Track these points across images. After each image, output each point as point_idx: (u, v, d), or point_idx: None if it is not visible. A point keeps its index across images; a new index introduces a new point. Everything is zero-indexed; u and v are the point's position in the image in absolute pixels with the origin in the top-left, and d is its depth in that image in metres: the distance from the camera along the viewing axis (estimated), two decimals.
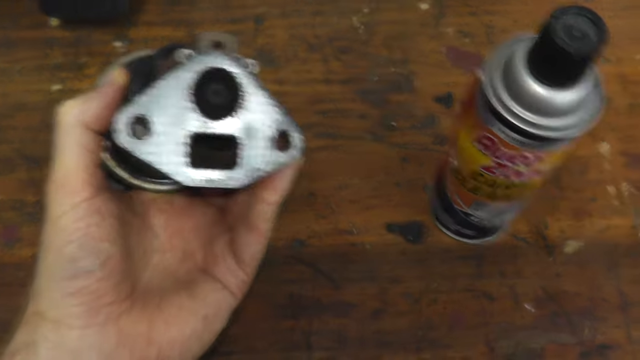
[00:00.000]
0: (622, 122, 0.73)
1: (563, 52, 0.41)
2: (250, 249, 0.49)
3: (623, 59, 0.77)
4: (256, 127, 0.45)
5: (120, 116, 0.43)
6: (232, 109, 0.45)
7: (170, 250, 0.51)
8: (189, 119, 0.44)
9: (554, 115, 0.45)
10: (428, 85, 0.74)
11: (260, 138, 0.45)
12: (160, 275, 0.50)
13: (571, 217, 0.67)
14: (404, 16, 0.80)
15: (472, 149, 0.52)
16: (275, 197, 0.47)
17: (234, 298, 0.50)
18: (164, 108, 0.43)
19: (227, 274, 0.50)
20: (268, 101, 0.45)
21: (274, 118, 0.45)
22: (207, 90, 0.44)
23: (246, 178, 0.45)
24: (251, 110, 0.45)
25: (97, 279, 0.43)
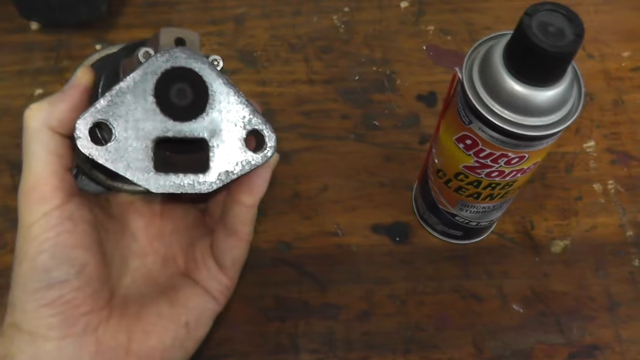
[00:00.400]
0: (607, 119, 0.73)
1: (538, 49, 0.41)
2: (230, 253, 0.48)
3: (606, 54, 0.77)
4: (225, 127, 0.43)
5: (80, 122, 0.41)
6: (198, 109, 0.42)
7: (150, 255, 0.50)
8: (153, 122, 0.41)
9: (533, 113, 0.45)
10: (410, 84, 0.74)
11: (231, 139, 0.43)
12: (140, 282, 0.48)
13: (557, 216, 0.67)
14: (384, 15, 0.79)
15: (454, 149, 0.52)
16: (252, 200, 0.46)
17: (216, 303, 0.49)
18: (125, 112, 0.41)
19: (208, 279, 0.49)
20: (237, 99, 0.43)
21: (245, 117, 0.43)
22: (170, 90, 0.42)
23: (217, 182, 0.43)
24: (219, 110, 0.43)
25: (73, 288, 0.42)
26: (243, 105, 0.43)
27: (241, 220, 0.47)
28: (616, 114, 0.73)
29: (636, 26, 0.79)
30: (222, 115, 0.43)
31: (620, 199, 0.68)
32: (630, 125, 0.72)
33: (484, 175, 0.52)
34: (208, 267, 0.49)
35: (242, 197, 0.46)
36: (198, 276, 0.49)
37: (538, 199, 0.68)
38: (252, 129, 0.43)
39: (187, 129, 0.42)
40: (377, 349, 0.60)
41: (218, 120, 0.43)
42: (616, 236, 0.66)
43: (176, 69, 0.41)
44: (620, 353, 0.60)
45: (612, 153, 0.71)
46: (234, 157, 0.43)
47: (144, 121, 0.41)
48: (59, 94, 0.43)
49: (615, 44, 0.78)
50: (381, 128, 0.71)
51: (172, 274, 0.50)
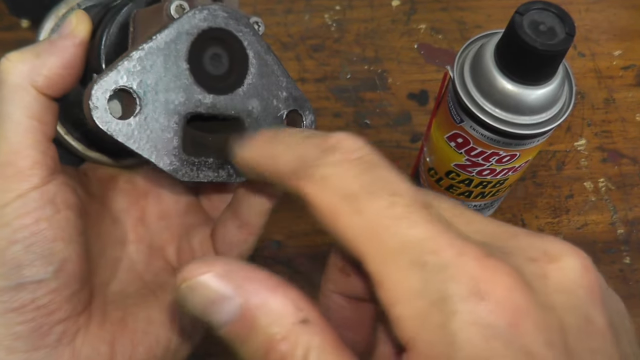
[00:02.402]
0: (598, 118, 0.73)
1: (529, 48, 0.41)
2: (238, 248, 0.41)
3: (598, 53, 0.77)
4: (264, 105, 0.37)
5: (97, 87, 0.32)
6: (235, 80, 0.36)
7: (133, 242, 0.43)
8: (185, 93, 0.35)
9: (525, 112, 0.45)
10: (402, 82, 0.74)
11: (268, 119, 0.37)
12: (123, 277, 0.41)
13: (549, 214, 0.67)
14: (375, 13, 0.79)
15: (446, 147, 0.52)
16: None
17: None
18: (154, 79, 0.34)
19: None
20: (278, 71, 0.37)
21: (286, 93, 0.37)
22: (204, 56, 0.35)
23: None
24: (258, 83, 0.37)
25: (49, 290, 0.34)
26: (285, 78, 0.37)
27: (259, 211, 0.40)
28: (607, 112, 0.73)
29: (627, 24, 0.79)
30: (262, 90, 0.37)
31: (611, 197, 0.68)
32: (621, 124, 0.72)
33: (475, 173, 0.52)
34: None
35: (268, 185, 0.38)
36: None
37: (529, 197, 0.68)
38: (292, 108, 0.38)
39: (222, 104, 0.36)
40: None
41: (257, 96, 0.37)
42: (607, 234, 0.66)
43: (213, 30, 0.35)
44: None
45: (603, 151, 0.71)
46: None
47: (175, 92, 0.35)
48: (47, 45, 0.35)
49: (606, 42, 0.78)
50: (373, 126, 0.71)
51: (161, 269, 0.43)
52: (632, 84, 0.75)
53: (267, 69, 0.37)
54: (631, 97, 0.74)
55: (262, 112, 0.37)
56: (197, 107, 0.35)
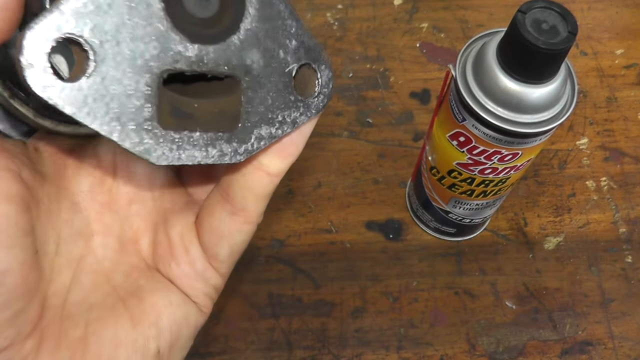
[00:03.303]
0: (601, 116, 0.73)
1: (532, 47, 0.41)
2: (231, 239, 0.32)
3: (600, 52, 0.77)
4: (267, 58, 0.28)
5: (30, 36, 0.23)
6: (228, 26, 0.27)
7: (100, 234, 0.33)
8: (159, 43, 0.25)
9: (527, 110, 0.45)
10: (404, 81, 0.74)
11: (274, 77, 0.29)
12: (87, 281, 0.32)
13: (551, 213, 0.67)
14: (377, 12, 0.79)
15: (448, 146, 0.52)
16: (281, 166, 0.31)
17: (200, 314, 0.34)
18: (112, 22, 0.24)
19: (190, 276, 0.33)
20: (285, 12, 0.28)
21: (295, 42, 0.29)
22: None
23: (253, 146, 0.29)
24: (258, 29, 0.28)
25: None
26: (295, 22, 0.28)
27: (256, 194, 0.31)
28: (609, 111, 0.73)
29: (629, 23, 0.79)
30: (264, 38, 0.28)
31: (613, 195, 0.68)
32: (624, 122, 0.72)
33: (478, 172, 0.52)
34: (191, 257, 0.33)
35: (266, 159, 0.30)
36: (175, 271, 0.33)
37: (531, 196, 0.68)
38: (305, 62, 0.29)
39: (210, 57, 0.27)
40: (371, 346, 0.60)
41: (257, 46, 0.28)
42: (609, 233, 0.66)
43: None
44: (612, 349, 0.60)
45: (605, 150, 0.71)
46: (278, 107, 0.29)
47: (145, 41, 0.25)
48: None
49: (608, 41, 0.78)
50: (375, 125, 0.71)
51: (133, 269, 0.34)
52: (634, 82, 0.75)
53: (271, 10, 0.28)
54: (633, 96, 0.74)
55: (265, 67, 0.28)
56: (177, 63, 0.26)
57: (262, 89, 0.28)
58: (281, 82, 0.29)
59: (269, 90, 0.28)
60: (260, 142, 0.29)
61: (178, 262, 0.33)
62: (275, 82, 0.29)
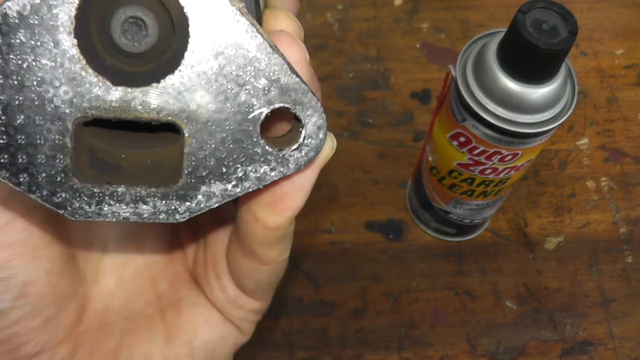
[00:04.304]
0: (601, 117, 0.73)
1: (532, 47, 0.41)
2: (251, 277, 0.30)
3: (600, 52, 0.77)
4: (222, 100, 0.23)
5: None
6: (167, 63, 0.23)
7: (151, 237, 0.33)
8: (73, 86, 0.22)
9: (527, 111, 0.45)
10: (404, 81, 0.74)
11: (231, 124, 0.23)
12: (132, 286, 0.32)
13: (551, 213, 0.67)
14: (378, 12, 0.79)
15: (448, 146, 0.52)
16: (276, 221, 0.27)
17: (241, 335, 0.33)
18: (16, 66, 0.22)
19: (223, 302, 0.31)
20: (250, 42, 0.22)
21: (264, 80, 0.23)
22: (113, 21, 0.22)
23: (199, 205, 0.25)
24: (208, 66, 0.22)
25: (11, 322, 0.26)
26: (265, 55, 0.23)
27: (261, 243, 0.28)
28: (609, 111, 0.73)
29: (629, 23, 0.79)
30: (216, 76, 0.23)
31: (614, 196, 0.68)
32: (624, 123, 0.72)
33: (478, 172, 0.52)
34: (223, 284, 0.31)
35: (262, 213, 0.27)
36: (208, 293, 0.32)
37: (531, 196, 0.68)
38: (280, 105, 0.24)
39: (139, 102, 0.23)
40: (371, 346, 0.60)
41: (206, 87, 0.23)
42: (609, 233, 0.66)
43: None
44: (613, 349, 0.60)
45: (605, 150, 0.71)
46: (237, 160, 0.24)
47: (55, 86, 0.22)
48: None
49: (608, 41, 0.78)
50: (375, 125, 0.71)
51: (177, 277, 0.33)
52: (635, 83, 0.75)
53: (226, 40, 0.22)
54: (633, 96, 0.74)
55: (217, 112, 0.23)
56: (95, 109, 0.22)
57: (212, 138, 0.23)
58: (242, 131, 0.24)
59: (224, 141, 0.24)
60: (210, 200, 0.24)
61: (211, 288, 0.31)
62: (233, 130, 0.23)
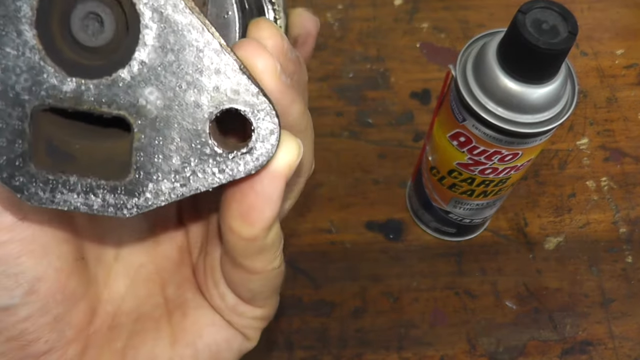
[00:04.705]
0: (601, 117, 0.73)
1: (532, 47, 0.41)
2: (243, 285, 0.30)
3: (600, 52, 0.77)
4: (170, 97, 0.24)
5: None
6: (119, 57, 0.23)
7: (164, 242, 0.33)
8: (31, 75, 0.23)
9: (527, 111, 0.45)
10: (404, 81, 0.74)
11: (180, 122, 0.24)
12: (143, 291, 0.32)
13: (551, 213, 0.67)
14: (378, 12, 0.79)
15: (448, 146, 0.52)
16: (250, 232, 0.26)
17: (247, 341, 0.32)
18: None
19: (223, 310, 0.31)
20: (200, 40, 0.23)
21: (214, 79, 0.24)
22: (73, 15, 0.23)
23: (147, 202, 0.25)
24: (157, 62, 0.23)
25: (20, 318, 0.27)
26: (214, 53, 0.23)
27: (243, 254, 0.27)
28: (609, 111, 0.73)
29: (629, 23, 0.79)
30: (165, 72, 0.23)
31: (614, 196, 0.68)
32: (624, 122, 0.72)
33: (478, 172, 0.52)
34: (221, 292, 0.31)
35: (235, 224, 0.26)
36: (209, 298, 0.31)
37: (531, 196, 0.68)
38: (229, 107, 0.24)
39: (93, 93, 0.24)
40: (371, 346, 0.60)
41: (155, 83, 0.24)
42: (609, 233, 0.66)
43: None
44: (613, 349, 0.60)
45: (605, 150, 0.71)
46: (185, 158, 0.24)
47: (16, 73, 0.23)
48: None
49: (608, 41, 0.78)
50: (375, 125, 0.71)
51: (185, 280, 0.33)
52: (635, 82, 0.75)
53: (176, 38, 0.23)
54: (634, 96, 0.74)
55: (166, 109, 0.24)
56: (50, 98, 0.24)
57: (161, 135, 0.24)
58: (191, 130, 0.24)
59: (172, 138, 0.24)
60: (158, 197, 0.25)
61: (211, 295, 0.31)
62: (182, 128, 0.24)
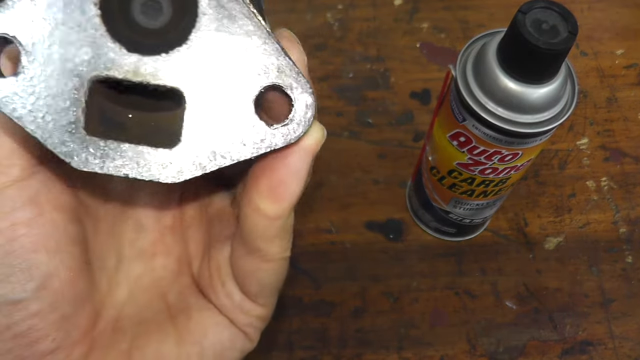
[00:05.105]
0: (601, 117, 0.73)
1: (532, 47, 0.41)
2: (254, 277, 0.31)
3: (600, 52, 0.77)
4: (220, 74, 0.26)
5: None
6: (176, 36, 0.26)
7: (161, 255, 0.35)
8: (92, 49, 0.25)
9: (527, 111, 0.45)
10: (404, 81, 0.74)
11: (227, 96, 0.26)
12: (142, 297, 0.33)
13: (551, 213, 0.67)
14: (378, 12, 0.79)
15: (448, 146, 0.52)
16: (276, 209, 0.28)
17: (248, 341, 0.34)
18: (47, 27, 0.25)
19: (229, 308, 0.33)
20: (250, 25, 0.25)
21: (260, 59, 0.26)
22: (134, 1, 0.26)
23: (194, 168, 0.26)
24: (212, 42, 0.25)
25: (30, 313, 0.27)
26: (261, 38, 0.26)
27: (262, 236, 0.29)
28: (610, 111, 0.73)
29: (629, 23, 0.79)
30: (218, 51, 0.26)
31: (614, 196, 0.68)
32: (624, 122, 0.72)
33: (478, 172, 0.52)
34: (228, 290, 0.32)
35: (262, 203, 0.28)
36: (214, 301, 0.33)
37: (531, 196, 0.68)
38: (272, 83, 0.26)
39: (150, 67, 0.26)
40: (371, 346, 0.60)
41: (208, 61, 0.26)
42: (609, 233, 0.66)
43: None
44: (613, 349, 0.60)
45: (605, 150, 0.71)
46: (230, 130, 0.26)
47: (76, 46, 0.25)
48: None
49: (608, 41, 0.78)
50: (375, 125, 0.71)
51: (186, 288, 0.34)
52: (635, 82, 0.75)
53: (229, 22, 0.25)
54: (633, 96, 0.74)
55: (217, 84, 0.26)
56: (110, 70, 0.25)
57: (210, 108, 0.26)
58: (237, 103, 0.26)
59: (220, 110, 0.26)
60: (203, 165, 0.27)
61: (217, 295, 0.32)
62: (230, 102, 0.26)
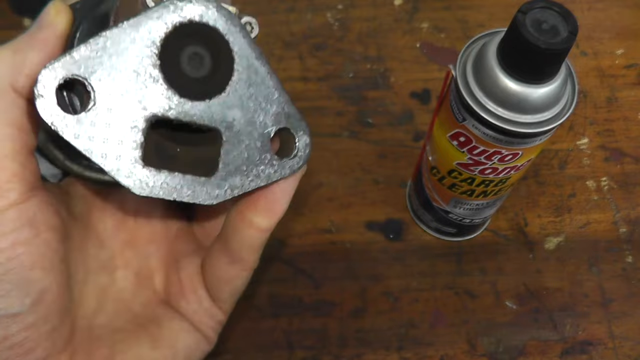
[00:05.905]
0: (601, 116, 0.73)
1: (532, 47, 0.41)
2: (231, 284, 0.38)
3: (600, 52, 0.77)
4: (248, 118, 0.32)
5: (45, 73, 0.28)
6: (216, 86, 0.31)
7: (121, 268, 0.39)
8: (151, 93, 0.30)
9: (527, 111, 0.45)
10: (404, 81, 0.74)
11: (252, 135, 0.33)
12: (110, 308, 0.37)
13: (551, 213, 0.67)
14: (378, 12, 0.79)
15: (448, 146, 0.52)
16: (269, 222, 0.35)
17: (208, 343, 0.39)
18: (114, 70, 0.29)
19: (199, 313, 0.38)
20: (271, 81, 0.32)
21: (277, 108, 0.33)
22: (182, 53, 0.30)
23: (227, 192, 0.33)
24: (244, 93, 0.32)
25: (26, 325, 0.30)
26: (277, 91, 0.33)
27: (250, 246, 0.36)
28: (610, 111, 0.73)
29: (629, 23, 0.79)
30: (247, 100, 0.32)
31: (614, 195, 0.68)
32: (624, 122, 0.72)
33: (478, 172, 0.52)
34: (199, 297, 0.38)
35: (257, 218, 0.34)
36: (184, 307, 0.38)
37: (532, 196, 0.68)
38: (283, 126, 0.33)
39: (195, 110, 0.31)
40: (371, 346, 0.60)
41: (240, 107, 0.32)
42: (609, 233, 0.66)
43: (195, 25, 0.30)
44: (613, 349, 0.60)
45: (605, 150, 0.71)
46: (253, 162, 0.33)
47: (139, 90, 0.30)
48: (26, 38, 0.30)
49: (608, 41, 0.78)
50: (375, 125, 0.71)
51: (149, 300, 0.39)
52: (635, 82, 0.75)
53: (255, 78, 0.32)
54: (634, 96, 0.74)
55: (245, 125, 0.32)
56: (164, 111, 0.30)
57: (240, 144, 0.32)
58: (259, 141, 0.33)
59: (247, 146, 0.33)
60: (233, 190, 0.33)
61: (188, 301, 0.38)
62: (254, 139, 0.33)
